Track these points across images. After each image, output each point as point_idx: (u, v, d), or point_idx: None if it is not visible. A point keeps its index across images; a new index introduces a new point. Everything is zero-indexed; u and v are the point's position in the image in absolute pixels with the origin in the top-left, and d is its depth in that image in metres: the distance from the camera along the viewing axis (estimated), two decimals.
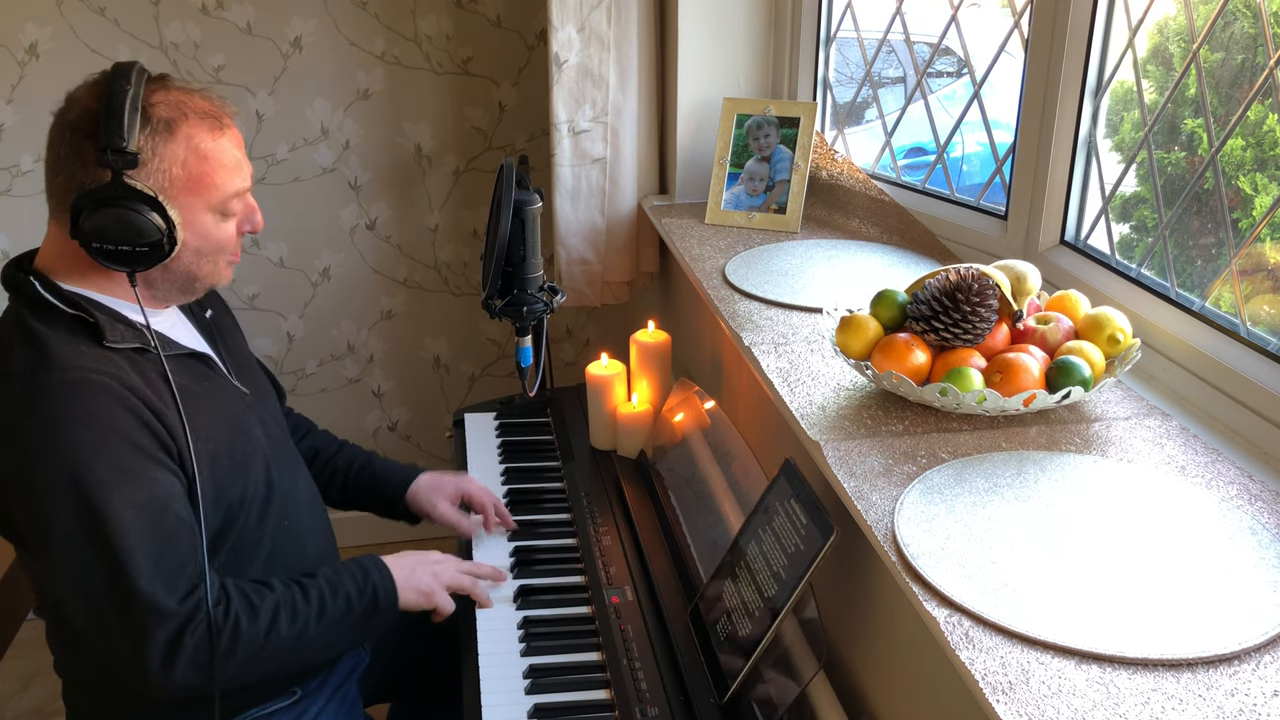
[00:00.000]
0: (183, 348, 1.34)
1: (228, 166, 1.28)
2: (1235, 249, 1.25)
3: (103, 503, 1.18)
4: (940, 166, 1.85)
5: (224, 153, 1.28)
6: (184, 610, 1.22)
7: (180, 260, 1.29)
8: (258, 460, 1.37)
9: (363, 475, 1.68)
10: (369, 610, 1.36)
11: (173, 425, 1.24)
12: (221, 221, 1.31)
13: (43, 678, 2.43)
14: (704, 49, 2.11)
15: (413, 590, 1.41)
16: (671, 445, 1.72)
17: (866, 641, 1.27)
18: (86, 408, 1.19)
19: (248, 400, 1.41)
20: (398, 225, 2.66)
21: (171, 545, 1.22)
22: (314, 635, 1.31)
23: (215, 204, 1.28)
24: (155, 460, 1.22)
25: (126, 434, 1.20)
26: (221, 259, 1.34)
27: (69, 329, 1.24)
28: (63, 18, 2.34)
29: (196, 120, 1.26)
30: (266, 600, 1.29)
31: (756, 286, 1.66)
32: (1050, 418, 1.25)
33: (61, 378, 1.19)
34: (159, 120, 1.23)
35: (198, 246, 1.29)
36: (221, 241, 1.32)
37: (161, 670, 1.21)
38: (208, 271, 1.33)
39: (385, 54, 2.50)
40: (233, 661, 1.25)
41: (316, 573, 1.36)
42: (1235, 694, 0.83)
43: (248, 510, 1.35)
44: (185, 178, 1.25)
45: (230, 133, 1.31)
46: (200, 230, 1.28)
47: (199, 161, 1.25)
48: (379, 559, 1.42)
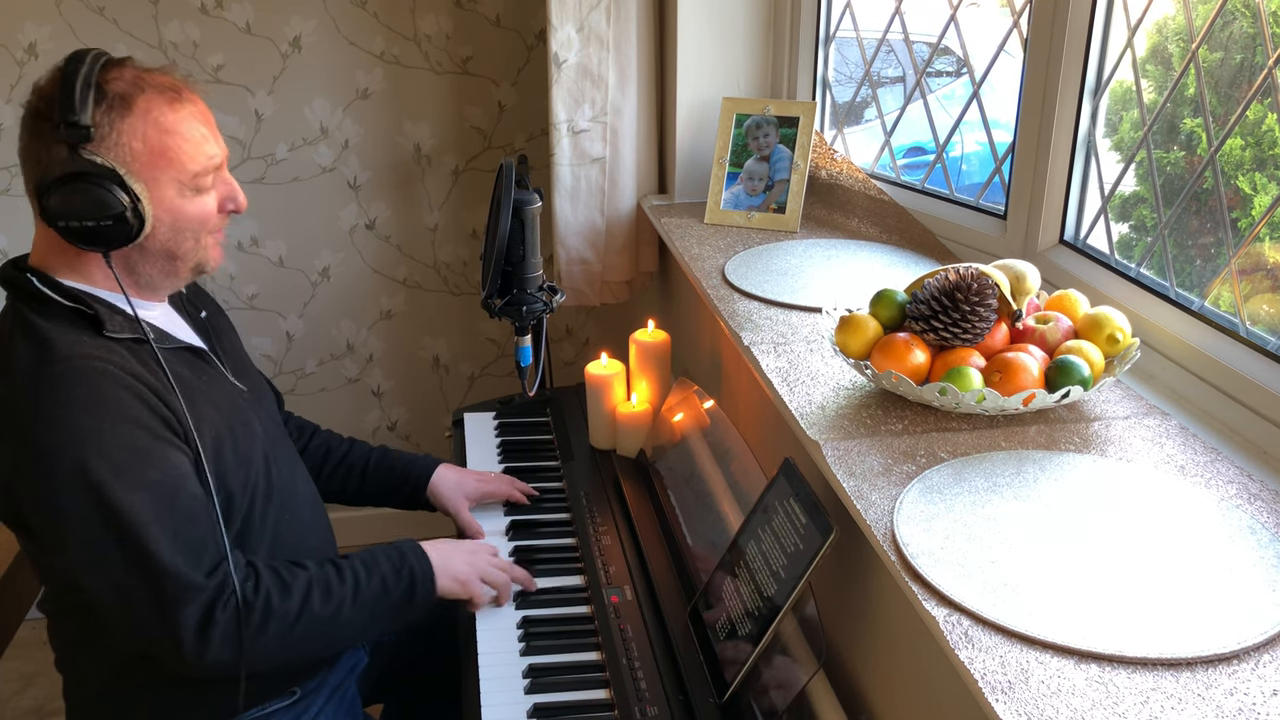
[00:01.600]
0: (179, 341, 1.34)
1: (191, 139, 1.26)
2: (1234, 248, 1.25)
3: (116, 486, 1.18)
4: (939, 166, 1.85)
5: (185, 125, 1.26)
6: (212, 584, 1.22)
7: (155, 238, 1.27)
8: (258, 452, 1.37)
9: (381, 469, 1.69)
10: (406, 593, 1.36)
11: (176, 407, 1.25)
12: (195, 196, 1.28)
13: (42, 678, 2.43)
14: (703, 49, 2.11)
15: (449, 577, 1.41)
16: (671, 445, 1.72)
17: (866, 641, 1.27)
18: (91, 394, 1.20)
19: (245, 396, 1.42)
20: (397, 225, 2.66)
21: (190, 522, 1.22)
22: (349, 616, 1.31)
23: (183, 178, 1.26)
24: (164, 440, 1.23)
25: (133, 416, 1.21)
26: (204, 236, 1.31)
27: (69, 321, 1.24)
28: (61, 17, 2.34)
29: (154, 93, 1.24)
30: (299, 578, 1.30)
31: (756, 286, 1.66)
32: (1049, 417, 1.25)
33: (66, 367, 1.20)
34: (115, 95, 1.22)
35: (171, 222, 1.27)
36: (197, 217, 1.29)
37: (196, 646, 1.21)
38: (188, 249, 1.31)
39: (385, 53, 2.50)
40: (266, 638, 1.25)
41: (351, 555, 1.36)
42: (1234, 693, 0.83)
43: (249, 502, 1.35)
44: (146, 151, 1.23)
45: (192, 106, 1.28)
46: (170, 205, 1.27)
47: (159, 134, 1.24)
48: (416, 543, 1.42)
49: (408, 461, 1.70)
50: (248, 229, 2.58)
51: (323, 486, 1.69)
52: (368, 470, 1.69)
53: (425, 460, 1.71)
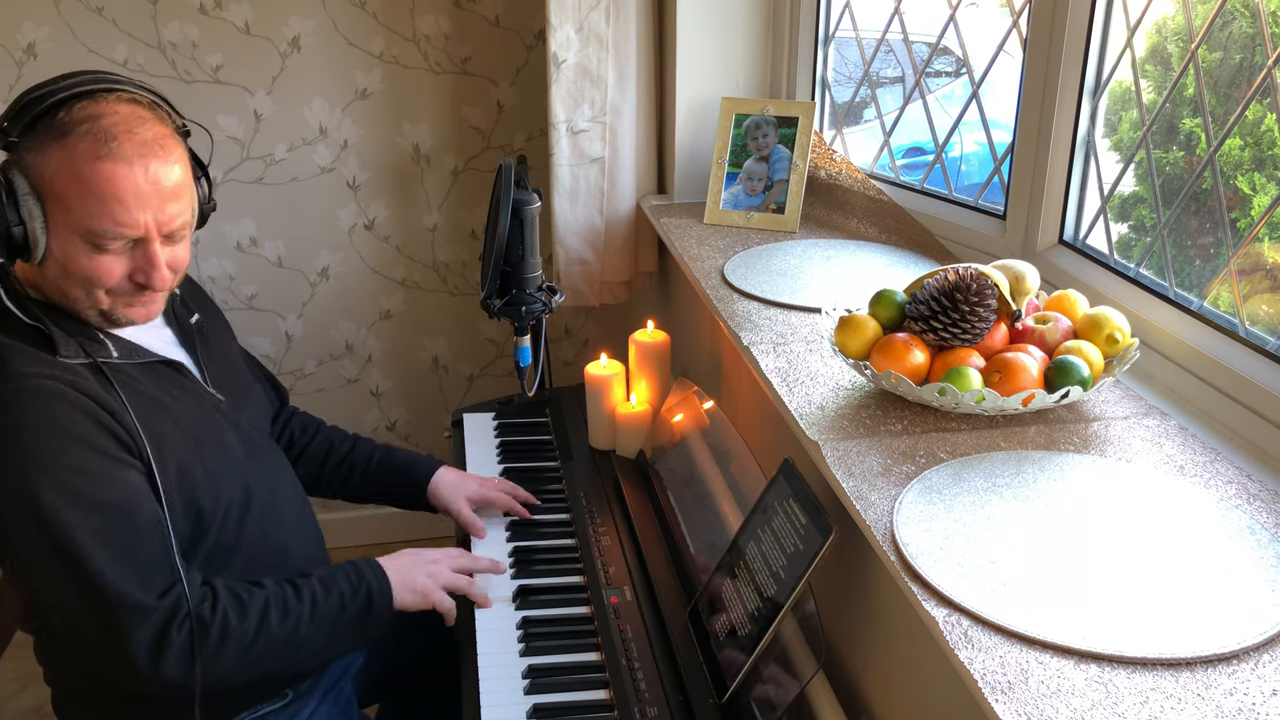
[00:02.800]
0: (150, 354, 1.32)
1: (97, 198, 1.19)
2: (1233, 248, 1.25)
3: (63, 511, 1.17)
4: (939, 166, 1.85)
5: (100, 182, 1.19)
6: (164, 605, 1.21)
7: (48, 271, 1.24)
8: (232, 468, 1.36)
9: (382, 469, 1.69)
10: (363, 610, 1.36)
11: (131, 427, 1.23)
12: (94, 253, 1.22)
13: (41, 678, 2.43)
14: (703, 49, 2.12)
15: (408, 590, 1.40)
16: (670, 445, 1.72)
17: (866, 641, 1.27)
18: (43, 415, 1.18)
19: (222, 408, 1.40)
20: (396, 225, 2.66)
21: (145, 542, 1.21)
22: (307, 635, 1.31)
23: (80, 231, 1.21)
24: (118, 460, 1.22)
25: (86, 438, 1.19)
26: (97, 295, 1.24)
27: (27, 339, 1.23)
28: (60, 17, 2.34)
29: (90, 140, 1.19)
30: (256, 597, 1.29)
31: (755, 286, 1.66)
32: (1049, 417, 1.25)
33: (17, 386, 1.18)
34: (59, 122, 1.20)
35: (63, 265, 1.23)
36: (88, 274, 1.23)
37: (150, 666, 1.20)
38: (76, 297, 1.25)
39: (384, 54, 2.49)
40: (223, 658, 1.25)
41: (310, 573, 1.36)
42: (1234, 693, 0.83)
43: (222, 518, 1.34)
44: (55, 191, 1.20)
45: (121, 167, 1.19)
46: (66, 251, 1.22)
47: (69, 180, 1.19)
48: (374, 560, 1.42)
49: (410, 461, 1.70)
50: (247, 229, 2.58)
51: (324, 484, 1.69)
52: (369, 469, 1.69)
53: (428, 461, 1.70)
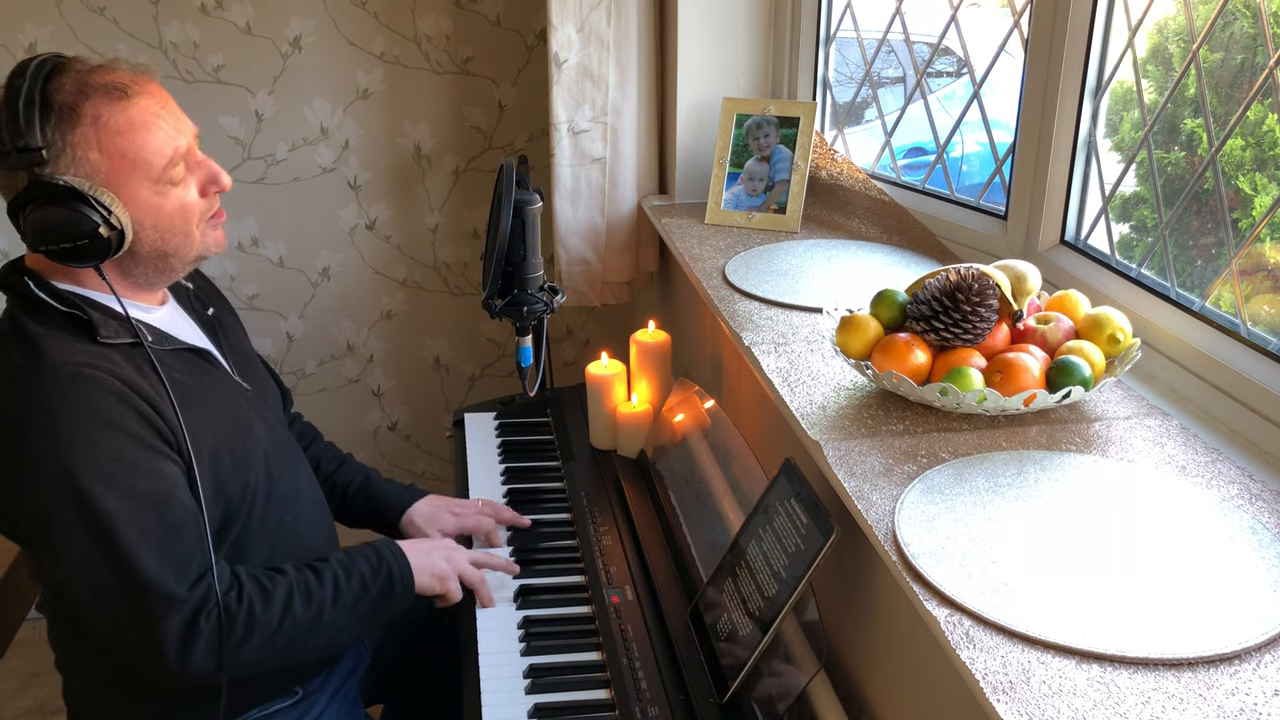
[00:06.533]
0: (181, 343, 1.33)
1: (149, 134, 1.21)
2: (1235, 249, 1.25)
3: (101, 496, 1.17)
4: (940, 166, 1.85)
5: (139, 120, 1.21)
6: (195, 596, 1.22)
7: (143, 242, 1.25)
8: (258, 456, 1.37)
9: (359, 497, 1.66)
10: (384, 591, 1.36)
11: (169, 416, 1.24)
12: (171, 190, 1.24)
13: (42, 677, 2.43)
14: (704, 49, 2.11)
15: (428, 573, 1.41)
16: (671, 445, 1.72)
17: (867, 641, 1.27)
18: (81, 402, 1.19)
19: (249, 396, 1.41)
20: (397, 225, 2.66)
21: (178, 533, 1.22)
22: (330, 619, 1.31)
23: (151, 176, 1.22)
24: (154, 450, 1.22)
25: (123, 426, 1.20)
26: (193, 227, 1.28)
27: (63, 327, 1.23)
28: (62, 17, 2.34)
29: (99, 97, 1.19)
30: (279, 584, 1.29)
31: (756, 286, 1.66)
32: (1050, 417, 1.25)
33: (55, 375, 1.19)
34: (60, 107, 1.18)
35: (154, 224, 1.24)
36: (179, 212, 1.26)
37: (179, 658, 1.21)
38: (178, 245, 1.28)
39: (385, 54, 2.50)
40: (249, 646, 1.25)
41: (329, 557, 1.36)
42: (1236, 693, 0.83)
43: (249, 505, 1.34)
44: (106, 160, 1.19)
45: (144, 99, 1.22)
46: (147, 207, 1.23)
47: (114, 138, 1.19)
48: (393, 542, 1.42)
49: (388, 493, 1.66)
50: (248, 229, 2.58)
51: None
52: (348, 494, 1.66)
53: (407, 493, 1.66)
